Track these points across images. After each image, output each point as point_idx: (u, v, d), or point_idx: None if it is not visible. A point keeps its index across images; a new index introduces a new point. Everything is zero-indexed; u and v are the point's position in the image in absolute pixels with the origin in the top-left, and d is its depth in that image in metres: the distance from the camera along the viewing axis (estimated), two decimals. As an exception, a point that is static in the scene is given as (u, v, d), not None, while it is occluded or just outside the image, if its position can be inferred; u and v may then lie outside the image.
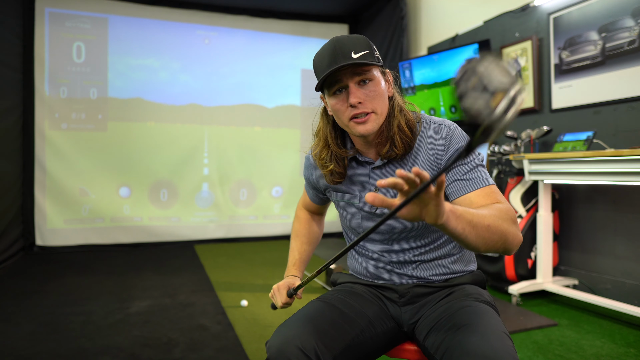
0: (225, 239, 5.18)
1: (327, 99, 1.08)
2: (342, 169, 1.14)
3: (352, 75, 1.02)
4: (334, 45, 1.02)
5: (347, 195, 1.17)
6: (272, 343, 0.94)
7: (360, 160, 1.14)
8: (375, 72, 1.05)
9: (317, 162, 1.18)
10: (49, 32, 4.53)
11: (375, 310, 1.11)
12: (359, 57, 0.99)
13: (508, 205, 0.95)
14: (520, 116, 3.43)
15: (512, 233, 0.88)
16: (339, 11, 5.48)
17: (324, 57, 1.03)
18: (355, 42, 1.02)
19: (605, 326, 2.43)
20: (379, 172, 1.12)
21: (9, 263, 3.97)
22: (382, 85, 1.06)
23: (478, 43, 3.53)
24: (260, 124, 5.35)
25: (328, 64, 1.01)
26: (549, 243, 2.90)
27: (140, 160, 4.88)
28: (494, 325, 0.93)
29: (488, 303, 1.06)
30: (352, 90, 1.02)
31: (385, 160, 1.10)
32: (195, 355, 2.09)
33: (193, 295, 3.06)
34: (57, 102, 4.56)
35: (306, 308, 1.06)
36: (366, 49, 1.01)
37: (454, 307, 1.02)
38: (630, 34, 2.62)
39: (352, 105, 1.02)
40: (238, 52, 5.23)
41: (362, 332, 1.03)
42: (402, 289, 1.14)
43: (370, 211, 1.14)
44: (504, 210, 0.91)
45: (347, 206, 1.18)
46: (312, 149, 1.22)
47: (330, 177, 1.16)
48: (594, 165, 2.45)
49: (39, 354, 2.08)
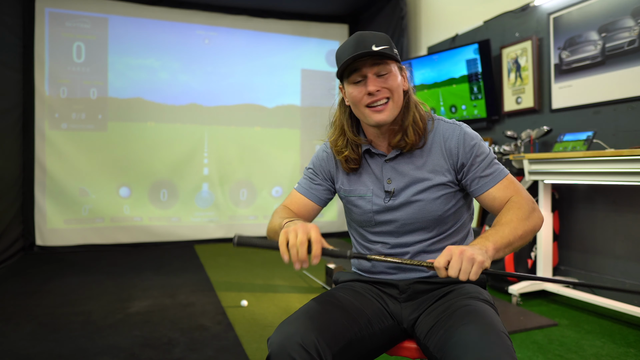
0: (225, 239, 5.18)
1: (346, 87, 1.14)
2: (357, 155, 1.19)
3: (371, 66, 1.09)
4: (357, 38, 1.09)
5: (359, 189, 1.20)
6: (274, 339, 0.95)
7: (373, 152, 1.19)
8: (393, 67, 1.11)
9: (333, 149, 1.22)
10: (49, 32, 4.53)
11: (374, 309, 1.12)
12: (380, 50, 1.06)
13: (525, 194, 1.09)
14: (520, 116, 3.43)
15: (537, 222, 1.05)
16: (339, 11, 5.48)
17: (346, 48, 1.09)
18: (377, 37, 1.09)
19: (605, 326, 2.43)
20: (392, 164, 1.17)
21: (9, 263, 3.97)
22: (399, 79, 1.12)
23: (478, 43, 3.53)
24: (260, 124, 5.35)
25: (349, 54, 1.07)
26: (549, 243, 2.90)
27: (140, 160, 4.88)
28: (493, 324, 0.94)
29: (487, 302, 1.07)
30: (370, 80, 1.09)
31: (397, 150, 1.15)
32: (195, 355, 2.09)
33: (193, 295, 3.06)
34: (57, 102, 4.56)
35: (307, 305, 1.07)
36: (386, 44, 1.08)
37: (455, 306, 1.03)
38: (630, 34, 2.62)
39: (370, 93, 1.08)
40: (238, 52, 5.23)
41: (360, 331, 1.05)
42: (403, 284, 1.15)
43: (383, 203, 1.16)
44: (524, 204, 1.06)
45: (359, 200, 1.20)
46: (329, 137, 1.26)
47: (345, 164, 1.20)
48: (594, 165, 2.45)
49: (39, 354, 2.08)
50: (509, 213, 1.05)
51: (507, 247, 0.97)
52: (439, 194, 1.13)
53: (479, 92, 3.63)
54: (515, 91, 3.42)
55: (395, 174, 1.16)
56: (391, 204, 1.15)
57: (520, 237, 1.00)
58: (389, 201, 1.15)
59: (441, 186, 1.13)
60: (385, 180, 1.17)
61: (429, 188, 1.13)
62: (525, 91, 3.33)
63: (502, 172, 1.13)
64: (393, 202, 1.15)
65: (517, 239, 0.99)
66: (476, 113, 3.70)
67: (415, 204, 1.13)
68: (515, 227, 1.00)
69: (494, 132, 3.70)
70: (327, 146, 1.27)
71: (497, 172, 1.12)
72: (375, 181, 1.18)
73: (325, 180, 1.27)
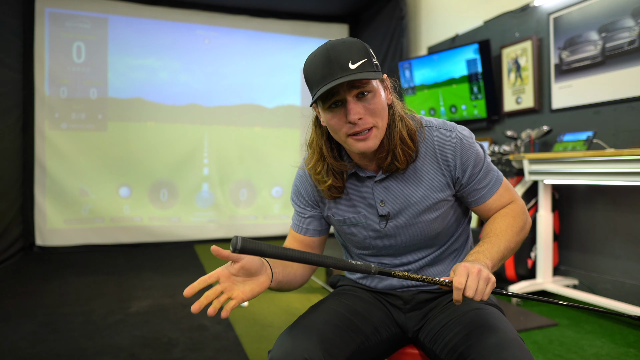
0: (225, 239, 5.18)
1: (322, 112, 0.98)
2: (341, 182, 1.05)
3: (350, 89, 0.92)
4: (327, 54, 0.91)
5: (351, 216, 1.09)
6: (276, 354, 0.88)
7: (360, 175, 1.06)
8: (375, 83, 0.96)
9: (312, 177, 1.07)
10: (49, 32, 4.53)
11: (380, 316, 1.08)
12: (358, 68, 0.90)
13: (519, 201, 1.09)
14: (520, 116, 3.43)
15: (527, 233, 1.06)
16: (338, 11, 5.48)
17: (317, 67, 0.92)
18: (351, 49, 0.92)
19: (605, 326, 2.43)
20: (382, 185, 1.05)
21: (9, 263, 3.97)
22: (382, 96, 0.97)
23: (478, 43, 3.53)
24: (260, 124, 5.35)
25: (322, 76, 0.91)
26: (549, 243, 2.90)
27: (140, 160, 4.88)
28: (507, 328, 0.91)
29: (495, 306, 1.05)
30: (350, 106, 0.92)
31: (388, 173, 1.04)
32: (195, 355, 2.09)
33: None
34: (57, 102, 4.56)
35: (309, 314, 1.00)
36: (364, 57, 0.92)
37: (463, 310, 1.00)
38: (630, 34, 2.62)
39: (352, 122, 0.93)
40: (238, 52, 5.23)
41: (367, 339, 1.00)
42: (406, 295, 1.11)
43: (379, 228, 1.07)
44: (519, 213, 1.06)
45: (352, 228, 1.10)
46: (307, 163, 1.10)
47: (328, 193, 1.07)
48: (594, 165, 2.45)
49: (39, 354, 2.08)
50: (503, 221, 1.03)
51: (500, 261, 0.97)
52: (438, 213, 1.05)
53: (479, 92, 3.63)
54: (515, 91, 3.42)
55: (387, 194, 1.05)
56: (388, 230, 1.06)
57: (511, 250, 1.01)
58: (385, 226, 1.06)
59: (440, 203, 1.05)
60: (378, 203, 1.05)
61: (427, 209, 1.04)
62: (525, 91, 3.33)
63: (498, 179, 1.08)
64: (390, 226, 1.06)
65: (509, 252, 1.00)
66: (476, 113, 3.70)
67: (414, 227, 1.05)
68: (509, 239, 1.00)
69: (494, 132, 3.70)
70: (305, 174, 1.12)
71: (494, 180, 1.07)
72: (367, 205, 1.07)
73: (314, 208, 1.14)
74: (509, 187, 1.09)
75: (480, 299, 0.82)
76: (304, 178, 1.13)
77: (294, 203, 1.17)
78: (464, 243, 1.17)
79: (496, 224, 1.03)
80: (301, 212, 1.15)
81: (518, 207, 1.07)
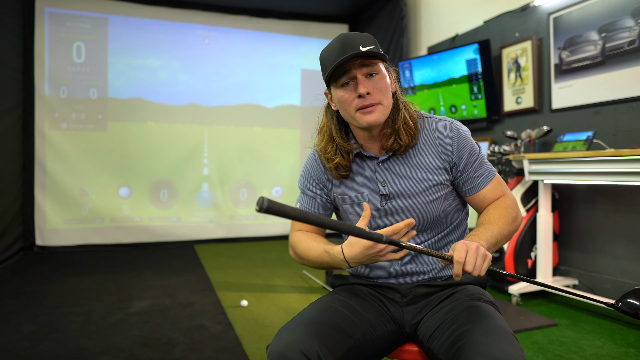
0: (225, 239, 5.18)
1: (334, 91, 1.10)
2: (347, 162, 1.16)
3: (360, 67, 1.06)
4: (342, 40, 1.06)
5: (354, 195, 1.17)
6: (274, 347, 0.92)
7: (364, 155, 1.16)
8: (382, 67, 1.09)
9: (322, 156, 1.19)
10: (49, 32, 4.53)
11: (377, 313, 1.11)
12: (368, 50, 1.03)
13: (510, 195, 1.16)
14: (520, 116, 3.43)
15: (519, 225, 1.13)
16: (339, 11, 5.48)
17: (332, 51, 1.06)
18: (362, 37, 1.06)
19: (605, 326, 2.43)
20: (385, 166, 1.15)
21: (9, 263, 3.97)
22: (388, 80, 1.10)
23: (478, 43, 3.53)
24: (260, 124, 5.35)
25: (337, 56, 1.04)
26: (549, 243, 2.90)
27: (140, 160, 4.88)
28: (501, 325, 0.94)
29: (491, 303, 1.07)
30: (360, 81, 1.06)
31: (390, 153, 1.14)
32: (195, 355, 2.09)
33: (193, 295, 3.06)
34: (57, 102, 4.56)
35: (307, 310, 1.04)
36: (373, 45, 1.05)
37: (459, 307, 1.02)
38: (630, 34, 2.62)
39: (361, 95, 1.05)
40: (238, 52, 5.23)
41: (363, 335, 1.03)
42: (404, 288, 1.14)
43: (380, 207, 1.14)
44: (511, 206, 1.12)
45: (354, 207, 1.18)
46: (317, 144, 1.23)
47: (336, 172, 1.17)
48: (594, 165, 2.45)
49: (39, 354, 2.08)
50: (497, 211, 1.11)
51: (494, 245, 1.03)
52: (436, 196, 1.12)
53: (479, 92, 3.63)
54: (515, 91, 3.42)
55: (389, 175, 1.14)
56: (388, 207, 1.13)
57: (505, 237, 1.08)
58: (385, 204, 1.14)
59: (438, 186, 1.12)
60: (380, 184, 1.14)
61: (425, 190, 1.12)
62: (525, 91, 3.33)
63: (492, 172, 1.16)
64: (390, 205, 1.13)
65: (502, 239, 1.06)
66: (476, 113, 3.70)
67: (413, 207, 1.12)
68: (501, 227, 1.07)
69: (494, 132, 3.70)
70: (315, 154, 1.24)
71: (488, 172, 1.15)
72: (370, 185, 1.16)
73: (320, 188, 1.23)
74: (501, 181, 1.17)
75: (478, 274, 0.90)
76: (314, 160, 1.24)
77: (302, 186, 1.26)
78: (461, 236, 1.20)
79: (490, 213, 1.11)
80: (309, 191, 1.24)
81: (509, 200, 1.15)
